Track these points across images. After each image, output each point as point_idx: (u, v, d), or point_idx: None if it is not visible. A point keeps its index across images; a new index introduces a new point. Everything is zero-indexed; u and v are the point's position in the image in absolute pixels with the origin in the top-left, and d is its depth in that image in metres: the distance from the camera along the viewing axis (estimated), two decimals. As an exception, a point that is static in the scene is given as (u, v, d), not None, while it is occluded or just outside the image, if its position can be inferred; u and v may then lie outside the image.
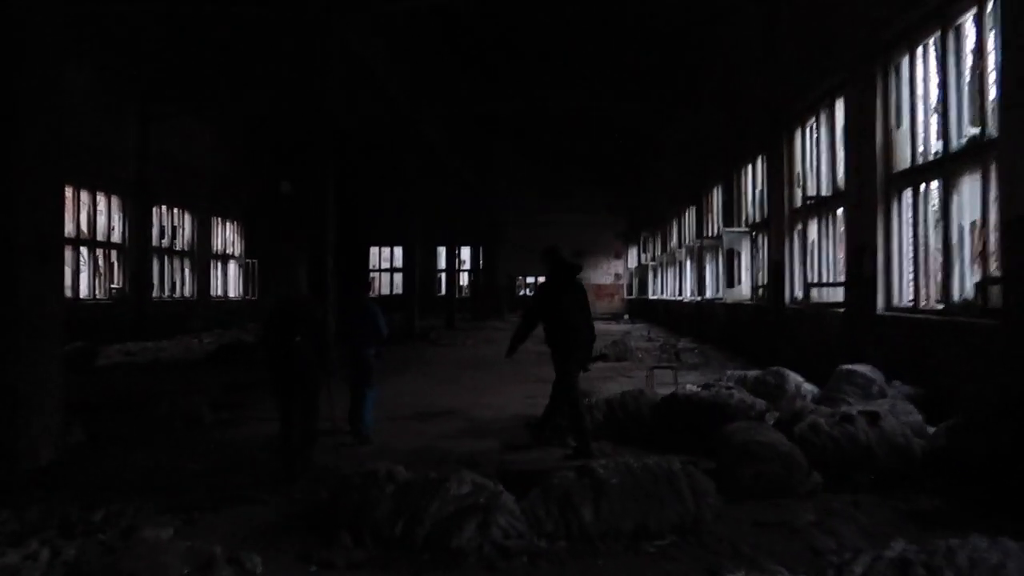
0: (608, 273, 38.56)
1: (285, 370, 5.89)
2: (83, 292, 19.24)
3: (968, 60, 7.42)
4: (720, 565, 3.89)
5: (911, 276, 8.66)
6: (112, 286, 20.50)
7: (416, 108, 21.74)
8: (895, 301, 8.79)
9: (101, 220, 20.01)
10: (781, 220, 12.77)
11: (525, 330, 6.91)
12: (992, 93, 6.81)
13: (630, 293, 37.53)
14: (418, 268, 23.95)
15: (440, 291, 36.07)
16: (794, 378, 7.71)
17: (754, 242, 15.26)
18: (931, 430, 6.12)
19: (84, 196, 19.15)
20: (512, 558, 4.00)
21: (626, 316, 34.37)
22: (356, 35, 14.86)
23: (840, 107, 10.50)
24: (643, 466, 4.33)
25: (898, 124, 8.77)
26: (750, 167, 15.79)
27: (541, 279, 6.93)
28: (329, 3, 13.34)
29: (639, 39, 20.00)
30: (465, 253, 37.38)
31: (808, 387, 7.76)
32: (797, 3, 12.13)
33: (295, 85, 22.04)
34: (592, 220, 37.84)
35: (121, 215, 20.76)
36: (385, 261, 38.85)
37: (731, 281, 16.59)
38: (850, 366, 7.64)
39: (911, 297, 8.59)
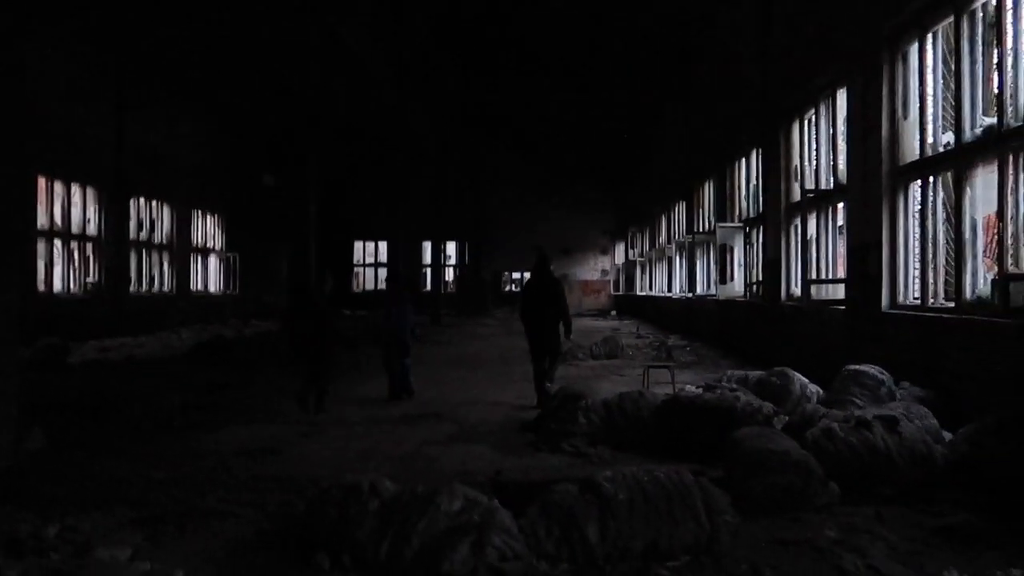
0: (595, 269, 38.22)
1: (305, 341, 8.48)
2: (57, 286, 18.59)
3: (980, 47, 7.09)
4: (740, 591, 3.51)
5: (918, 273, 8.31)
6: (87, 280, 19.85)
7: (402, 99, 21.28)
8: (901, 299, 8.44)
9: (76, 212, 19.33)
10: (778, 215, 12.43)
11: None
12: (1010, 80, 6.46)
13: (617, 289, 37.21)
14: (403, 263, 23.47)
15: (425, 287, 35.57)
16: (799, 379, 7.34)
17: (748, 237, 14.91)
18: (947, 435, 5.79)
19: (58, 187, 18.48)
20: (509, 583, 3.60)
21: (613, 312, 34.05)
22: (340, 19, 14.39)
23: (842, 98, 10.15)
24: (653, 479, 3.93)
25: (905, 115, 8.41)
26: (744, 161, 15.44)
27: (526, 275, 10.10)
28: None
29: (629, 32, 19.64)
30: (451, 248, 36.91)
31: (813, 388, 7.40)
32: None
33: (277, 73, 21.55)
34: (579, 215, 37.49)
35: (97, 207, 20.09)
36: (370, 256, 38.26)
37: (724, 277, 16.25)
38: (856, 366, 7.27)
39: (917, 295, 8.25)
